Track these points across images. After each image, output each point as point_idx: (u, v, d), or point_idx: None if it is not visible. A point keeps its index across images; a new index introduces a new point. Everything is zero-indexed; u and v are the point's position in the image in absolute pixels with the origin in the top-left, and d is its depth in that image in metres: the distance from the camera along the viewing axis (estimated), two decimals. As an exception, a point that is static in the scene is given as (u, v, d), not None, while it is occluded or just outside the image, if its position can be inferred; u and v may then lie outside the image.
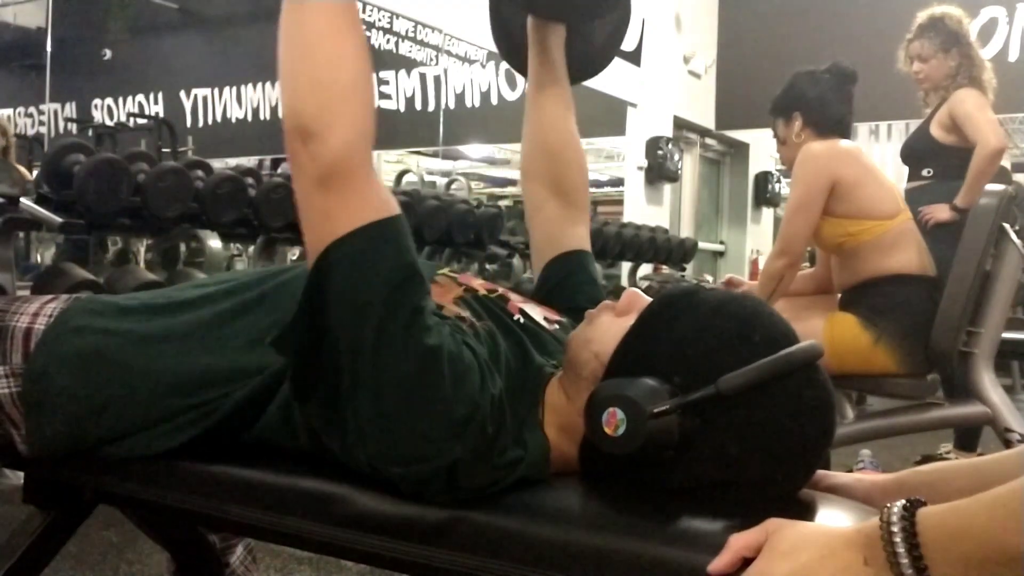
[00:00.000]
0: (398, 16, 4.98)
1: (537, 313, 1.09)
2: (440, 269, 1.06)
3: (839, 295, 2.58)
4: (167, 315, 1.05)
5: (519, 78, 5.78)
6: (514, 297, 1.08)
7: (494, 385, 0.86)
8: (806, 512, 0.83)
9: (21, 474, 1.15)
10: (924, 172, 3.37)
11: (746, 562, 0.70)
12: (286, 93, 0.86)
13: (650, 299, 0.92)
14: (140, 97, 6.72)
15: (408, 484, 0.85)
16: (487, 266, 4.15)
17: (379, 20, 5.06)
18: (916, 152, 3.44)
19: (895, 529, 0.63)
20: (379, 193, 0.87)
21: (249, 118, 5.87)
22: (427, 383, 0.82)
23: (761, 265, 2.70)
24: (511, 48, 1.32)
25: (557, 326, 1.09)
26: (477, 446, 0.83)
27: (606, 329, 0.91)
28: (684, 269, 5.67)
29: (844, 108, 2.51)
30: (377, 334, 0.82)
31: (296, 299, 0.96)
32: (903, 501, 0.64)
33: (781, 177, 7.80)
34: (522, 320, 1.05)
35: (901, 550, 0.62)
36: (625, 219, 5.58)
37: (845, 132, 2.52)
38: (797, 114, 2.51)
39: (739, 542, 0.71)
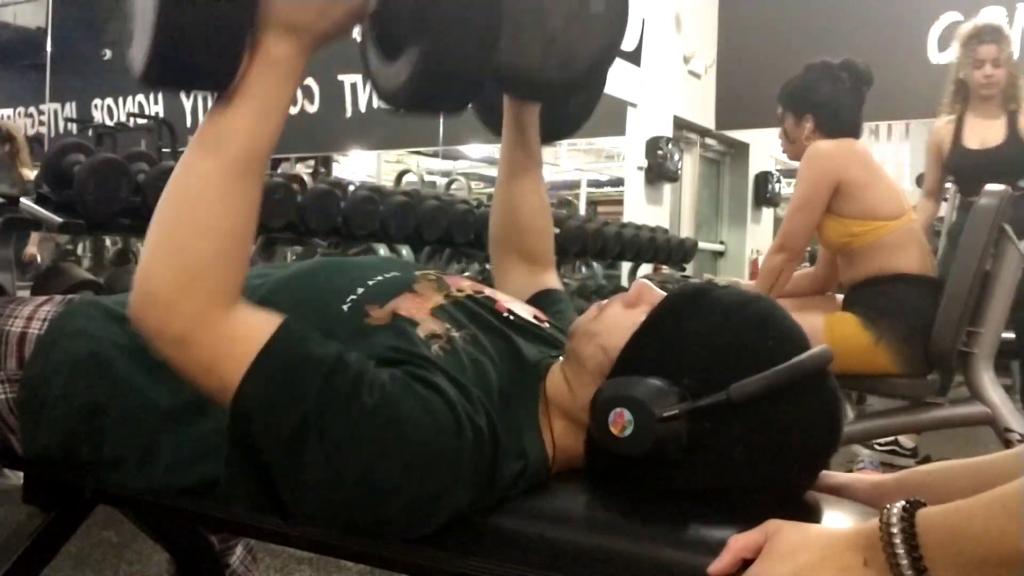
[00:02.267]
0: (398, 16, 4.97)
1: (526, 312, 1.08)
2: (425, 272, 1.04)
3: (841, 295, 2.58)
4: None
5: (519, 78, 5.77)
6: (502, 298, 1.07)
7: (476, 413, 0.83)
8: (806, 512, 0.83)
9: (21, 474, 1.15)
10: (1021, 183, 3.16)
11: (746, 563, 0.70)
12: (145, 251, 0.82)
13: (661, 292, 0.91)
14: (140, 97, 6.72)
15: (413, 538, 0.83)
16: (487, 266, 4.14)
17: (379, 20, 5.06)
18: (1014, 160, 3.29)
19: (895, 530, 0.63)
20: (252, 319, 0.82)
21: (249, 118, 5.86)
22: (394, 458, 0.78)
23: (760, 264, 2.70)
24: (489, 118, 1.34)
25: (547, 325, 1.08)
26: (483, 480, 0.82)
27: (614, 322, 0.90)
28: (684, 269, 5.66)
29: (858, 111, 2.51)
30: (325, 444, 0.78)
31: (296, 299, 0.95)
32: (903, 502, 0.64)
33: (781, 177, 7.80)
34: (511, 318, 1.03)
35: (901, 551, 0.62)
36: (625, 219, 5.58)
37: (857, 134, 2.51)
38: (809, 115, 2.49)
39: (739, 543, 0.71)
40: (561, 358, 0.95)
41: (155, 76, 0.79)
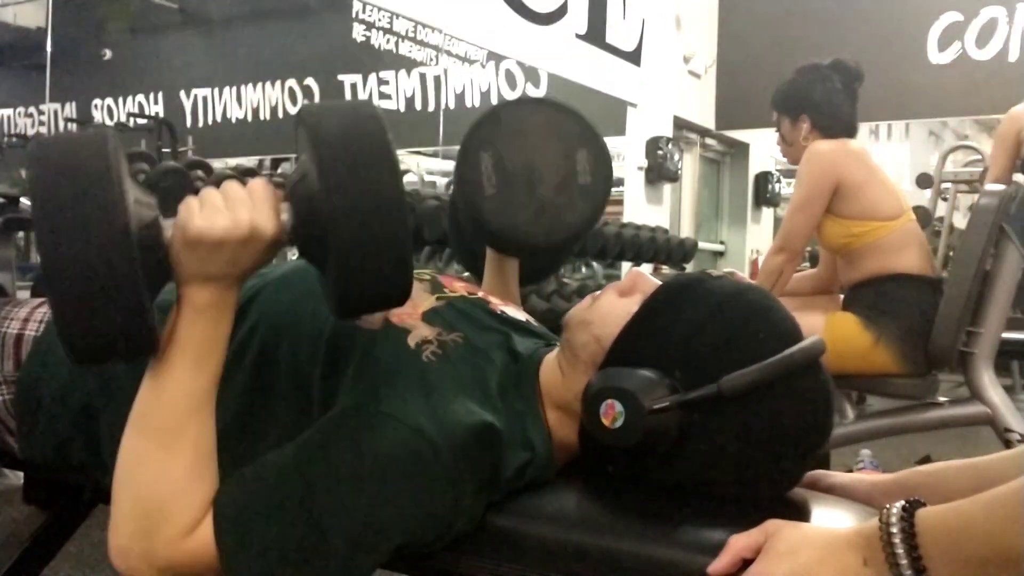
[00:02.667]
0: (398, 16, 4.98)
1: (519, 314, 1.09)
2: (420, 272, 1.04)
3: (842, 295, 2.58)
4: (161, 321, 1.03)
5: (519, 78, 5.76)
6: (495, 300, 1.08)
7: (458, 423, 0.83)
8: (806, 512, 0.83)
9: (21, 474, 1.15)
10: None
11: (746, 563, 0.70)
12: (112, 508, 0.82)
13: (655, 280, 0.91)
14: (140, 97, 6.71)
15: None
16: (487, 266, 4.15)
17: (379, 20, 5.06)
18: None
19: (894, 530, 0.63)
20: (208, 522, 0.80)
21: (249, 118, 5.86)
22: (394, 513, 0.78)
23: (760, 265, 2.70)
24: (469, 260, 1.41)
25: (540, 326, 1.09)
26: (480, 484, 0.82)
27: (608, 311, 0.90)
28: (684, 269, 5.66)
29: (852, 110, 2.51)
30: (330, 537, 0.77)
31: (293, 296, 0.95)
32: (902, 502, 0.64)
33: (781, 177, 7.79)
34: (504, 316, 1.04)
35: (900, 551, 0.62)
36: (625, 219, 5.57)
37: (852, 133, 2.52)
38: (805, 116, 2.50)
39: (739, 543, 0.71)
40: (555, 349, 0.96)
41: (80, 361, 0.77)
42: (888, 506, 0.65)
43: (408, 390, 0.85)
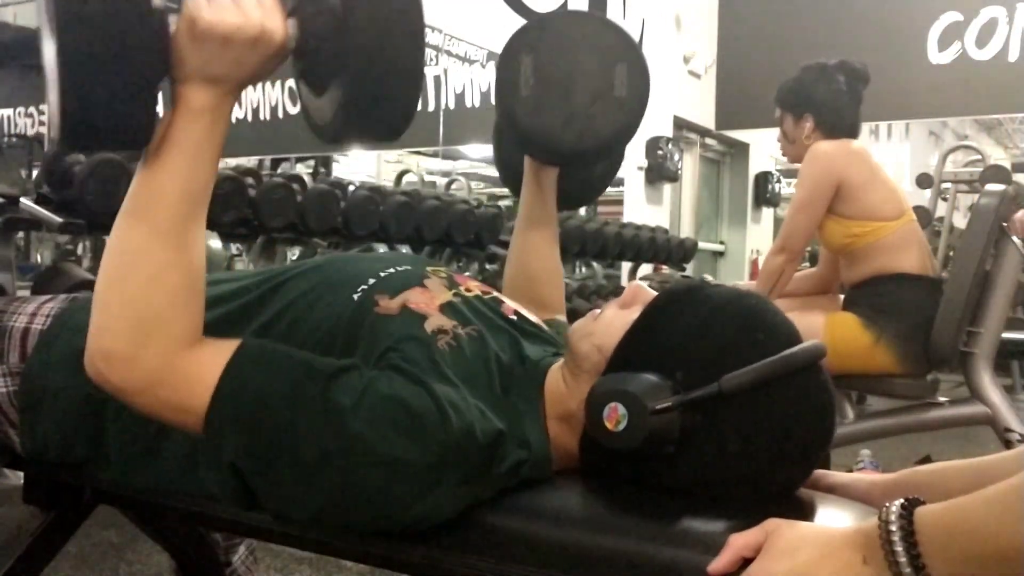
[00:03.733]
0: (398, 16, 4.97)
1: (532, 316, 1.09)
2: (436, 269, 1.05)
3: (842, 295, 2.58)
4: None
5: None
6: (509, 301, 1.08)
7: (467, 410, 0.83)
8: (806, 511, 0.83)
9: (21, 474, 1.15)
10: None
11: (746, 562, 0.70)
12: (95, 309, 0.82)
13: (654, 292, 0.92)
14: (140, 97, 6.70)
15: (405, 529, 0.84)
16: (487, 266, 4.15)
17: (379, 20, 5.06)
18: None
19: (893, 528, 0.63)
20: (214, 352, 0.82)
21: (249, 118, 5.86)
22: (375, 451, 0.78)
23: (761, 265, 2.71)
24: (509, 176, 1.43)
25: (553, 331, 1.09)
26: (467, 475, 0.82)
27: (609, 322, 0.91)
28: (684, 269, 5.67)
29: (856, 111, 2.51)
30: (301, 452, 0.79)
31: (311, 284, 0.96)
32: (901, 500, 0.64)
33: (781, 177, 7.80)
34: (516, 319, 1.04)
35: (899, 548, 0.62)
36: (625, 219, 5.58)
37: (855, 134, 2.52)
38: (809, 115, 2.50)
39: (739, 541, 0.71)
40: (560, 359, 0.96)
41: (72, 142, 0.77)
42: (887, 504, 0.65)
43: (422, 366, 0.86)
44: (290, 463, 0.79)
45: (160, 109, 0.80)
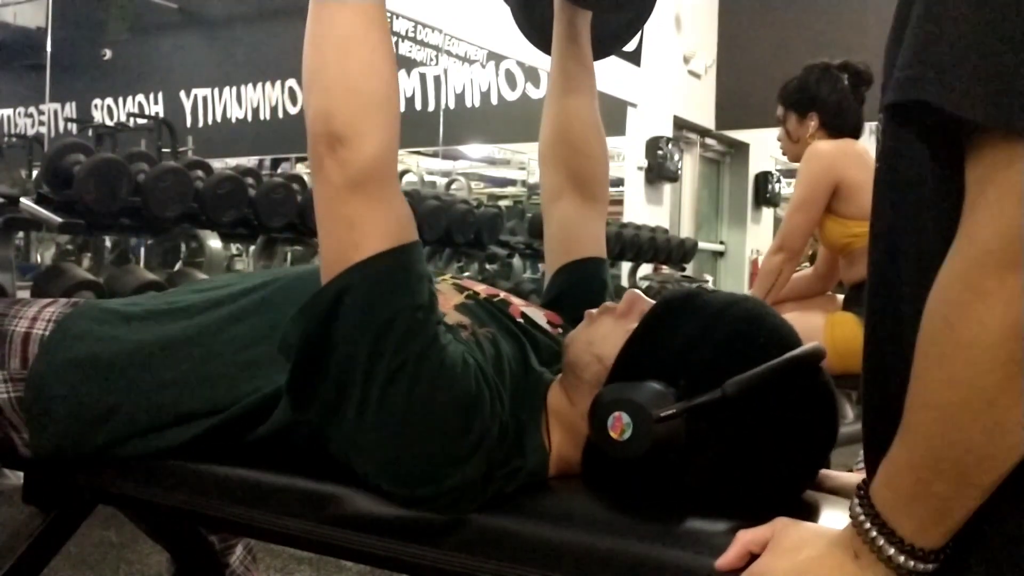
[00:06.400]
0: (398, 16, 4.98)
1: (540, 317, 1.09)
2: (442, 276, 1.06)
3: (842, 295, 2.58)
4: (169, 321, 1.04)
5: (519, 78, 5.76)
6: (516, 301, 1.08)
7: (503, 407, 0.86)
8: (811, 513, 0.83)
9: (21, 474, 1.15)
10: None
11: (752, 557, 0.70)
12: (315, 95, 0.84)
13: (652, 301, 0.92)
14: (140, 97, 6.71)
15: (409, 502, 0.85)
16: (487, 266, 4.15)
17: (379, 20, 5.06)
18: None
19: (862, 518, 0.64)
20: (404, 208, 0.86)
21: (249, 118, 5.87)
22: (440, 411, 0.82)
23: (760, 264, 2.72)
24: (533, 24, 1.30)
25: (560, 330, 1.09)
26: (486, 470, 0.83)
27: (608, 332, 0.91)
28: (684, 269, 5.67)
29: (859, 111, 2.51)
30: (393, 359, 0.81)
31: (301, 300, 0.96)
32: (858, 490, 0.65)
33: (781, 177, 7.80)
34: (523, 323, 1.04)
35: (875, 534, 0.62)
36: (625, 219, 5.58)
37: (857, 135, 2.52)
38: (814, 114, 2.50)
39: (746, 537, 0.71)
40: (560, 375, 0.96)
41: None
42: (852, 499, 0.66)
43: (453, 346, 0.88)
44: (380, 365, 0.81)
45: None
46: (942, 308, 0.57)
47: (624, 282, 5.29)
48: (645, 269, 5.48)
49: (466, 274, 3.62)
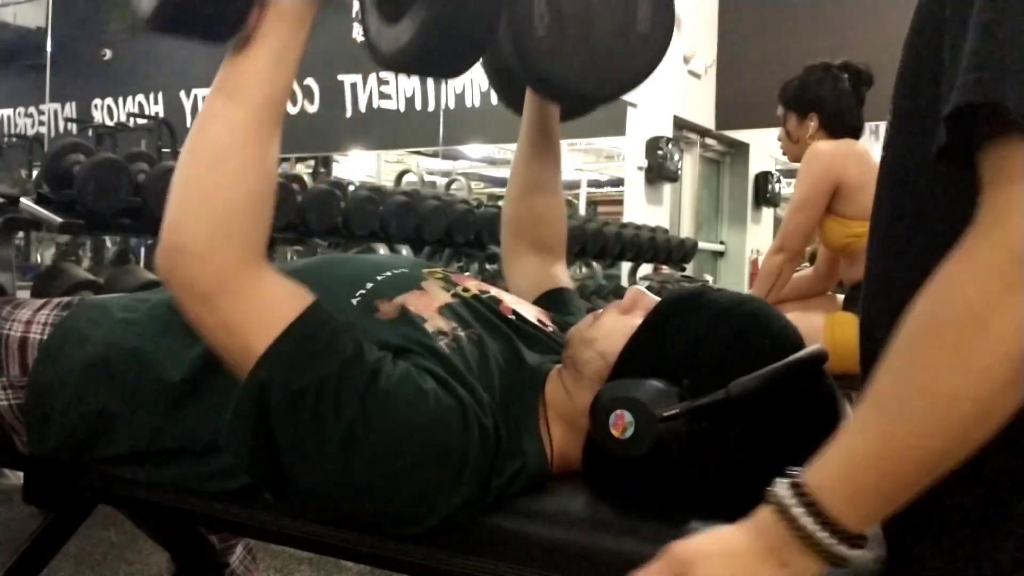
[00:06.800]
0: (398, 16, 4.98)
1: (531, 314, 1.07)
2: (433, 270, 1.04)
3: (842, 295, 2.58)
4: (169, 325, 1.01)
5: (519, 78, 5.77)
6: (507, 298, 1.07)
7: (485, 411, 0.83)
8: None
9: (21, 474, 1.15)
10: None
11: None
12: (173, 206, 0.80)
13: (656, 298, 0.92)
14: (140, 97, 6.72)
15: (415, 536, 0.83)
16: (487, 266, 4.15)
17: (379, 20, 5.06)
18: None
19: (798, 511, 0.62)
20: (279, 287, 0.82)
21: (249, 118, 5.86)
22: (408, 452, 0.78)
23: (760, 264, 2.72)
24: (507, 92, 1.31)
25: (551, 328, 1.08)
26: (478, 486, 0.82)
27: (611, 328, 0.91)
28: (684, 269, 5.66)
29: (859, 112, 2.52)
30: (338, 425, 0.77)
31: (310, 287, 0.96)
32: (793, 486, 0.64)
33: (781, 177, 7.80)
34: (515, 319, 1.03)
35: (812, 528, 0.61)
36: (625, 219, 5.58)
37: (858, 135, 2.52)
38: (814, 115, 2.50)
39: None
40: (559, 366, 0.96)
41: (161, 22, 0.78)
42: (770, 491, 0.65)
43: (430, 359, 0.86)
44: (329, 429, 0.78)
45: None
46: (961, 301, 0.55)
47: (624, 282, 5.29)
48: (645, 269, 5.47)
49: (466, 273, 3.61)
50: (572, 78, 1.04)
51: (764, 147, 7.53)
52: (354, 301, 0.95)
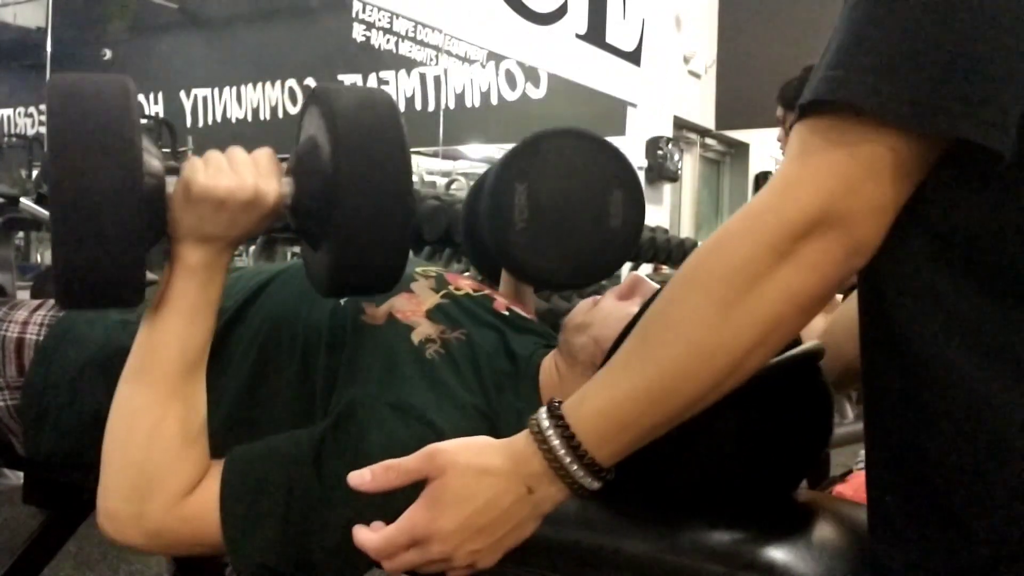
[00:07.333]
0: (398, 16, 4.98)
1: (524, 312, 1.08)
2: (426, 269, 1.04)
3: (842, 295, 2.57)
4: None
5: (519, 78, 5.76)
6: (500, 298, 1.07)
7: (477, 410, 0.84)
8: (805, 511, 0.83)
9: (21, 474, 1.15)
10: None
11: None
12: (102, 472, 0.82)
13: (655, 284, 0.91)
14: (140, 97, 6.71)
15: None
16: (487, 266, 4.15)
17: (379, 20, 5.06)
18: None
19: (556, 443, 0.63)
20: (207, 484, 0.82)
21: (249, 118, 5.86)
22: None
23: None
24: (482, 263, 1.38)
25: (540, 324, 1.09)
26: None
27: (607, 314, 0.90)
28: (684, 269, 5.66)
29: None
30: (312, 496, 0.79)
31: (294, 298, 0.95)
32: (551, 416, 0.64)
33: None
34: (508, 315, 1.03)
35: (569, 459, 0.63)
36: (625, 219, 5.57)
37: None
38: None
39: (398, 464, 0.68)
40: (554, 350, 0.95)
41: (71, 300, 0.78)
42: (532, 418, 0.65)
43: (413, 383, 0.85)
44: (317, 542, 0.78)
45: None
46: (737, 260, 0.58)
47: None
48: (645, 269, 5.48)
49: (466, 273, 3.62)
50: (547, 268, 1.13)
51: (764, 147, 7.53)
52: (343, 301, 0.95)
